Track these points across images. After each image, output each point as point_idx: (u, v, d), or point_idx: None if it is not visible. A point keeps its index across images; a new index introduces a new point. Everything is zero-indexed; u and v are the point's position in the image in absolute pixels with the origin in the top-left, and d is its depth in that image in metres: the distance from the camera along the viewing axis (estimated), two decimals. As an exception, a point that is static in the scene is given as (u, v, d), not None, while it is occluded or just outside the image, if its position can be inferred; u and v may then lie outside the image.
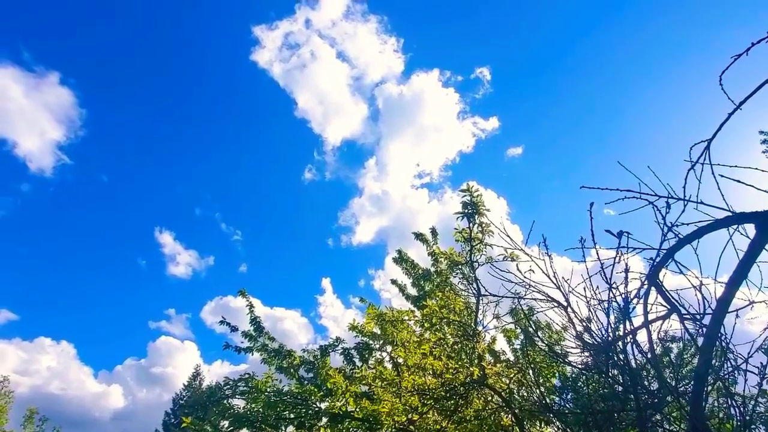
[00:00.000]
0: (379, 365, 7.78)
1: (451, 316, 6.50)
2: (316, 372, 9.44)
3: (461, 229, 5.18)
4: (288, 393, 7.73)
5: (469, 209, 5.03)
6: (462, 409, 6.86)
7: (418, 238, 14.84)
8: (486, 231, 5.13)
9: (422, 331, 7.55)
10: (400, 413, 6.82)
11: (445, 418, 6.87)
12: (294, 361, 10.30)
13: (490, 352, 8.43)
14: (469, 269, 5.57)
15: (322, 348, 12.64)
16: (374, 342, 11.26)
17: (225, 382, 8.21)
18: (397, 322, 6.97)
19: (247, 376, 8.17)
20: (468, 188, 5.04)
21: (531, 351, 8.74)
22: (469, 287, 5.80)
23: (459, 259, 5.71)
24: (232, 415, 8.33)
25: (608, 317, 3.86)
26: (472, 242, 5.17)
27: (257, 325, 11.25)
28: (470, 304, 6.69)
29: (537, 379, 7.10)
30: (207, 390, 10.20)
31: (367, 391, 8.46)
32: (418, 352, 7.12)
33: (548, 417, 7.18)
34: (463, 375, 6.58)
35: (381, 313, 7.23)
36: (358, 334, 11.30)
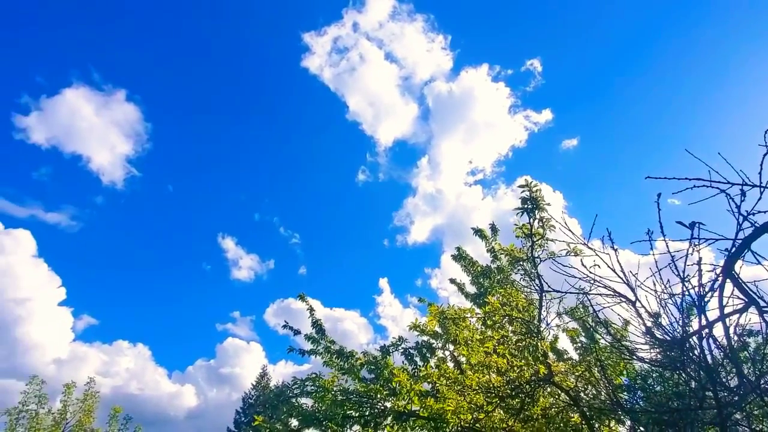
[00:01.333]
0: (443, 364, 7.80)
1: (514, 313, 6.42)
2: (378, 372, 9.56)
3: (521, 224, 5.12)
4: (353, 392, 7.88)
5: (529, 204, 4.96)
6: (528, 407, 6.76)
7: (477, 234, 14.67)
8: (547, 226, 5.04)
9: (484, 329, 7.50)
10: (465, 411, 6.81)
11: (511, 416, 6.79)
12: (356, 362, 10.48)
13: (553, 351, 8.26)
14: (530, 265, 5.49)
15: (383, 348, 12.78)
16: (436, 341, 11.27)
17: (293, 382, 8.47)
18: (458, 320, 6.96)
19: (314, 376, 8.39)
20: (527, 183, 4.97)
21: (596, 348, 8.48)
22: (532, 283, 5.72)
23: (520, 255, 5.64)
24: (301, 413, 8.59)
25: (681, 312, 3.72)
26: (533, 238, 5.10)
27: (319, 328, 11.53)
28: (533, 301, 6.58)
29: (605, 377, 6.89)
30: (275, 389, 10.57)
31: (431, 389, 8.49)
32: (480, 350, 7.07)
33: (619, 415, 6.96)
34: (529, 373, 6.49)
35: (442, 311, 7.24)
36: (420, 333, 11.35)
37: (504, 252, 6.04)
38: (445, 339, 10.54)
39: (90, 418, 14.83)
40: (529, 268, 5.65)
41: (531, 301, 6.74)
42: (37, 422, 14.59)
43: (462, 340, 7.44)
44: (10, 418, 14.44)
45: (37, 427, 14.50)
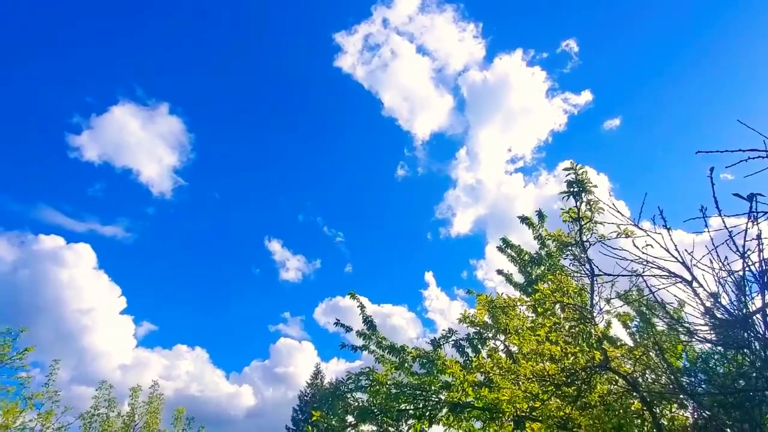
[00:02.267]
0: (495, 354, 7.76)
1: (565, 299, 6.32)
2: (430, 365, 9.60)
3: (568, 208, 5.04)
4: (407, 385, 7.95)
5: (575, 187, 4.87)
6: (585, 394, 6.66)
7: (524, 222, 14.45)
8: (595, 209, 4.93)
9: (535, 317, 7.42)
10: (520, 400, 6.76)
11: (568, 404, 6.70)
12: (408, 356, 10.55)
13: (606, 337, 8.08)
14: (579, 250, 5.39)
15: (433, 341, 12.80)
16: (486, 331, 11.20)
17: (347, 377, 8.61)
18: (508, 308, 6.92)
19: (368, 370, 8.51)
20: (572, 166, 4.89)
21: (653, 331, 8.25)
22: (582, 268, 5.61)
23: (568, 239, 5.54)
24: (357, 408, 8.73)
25: (742, 289, 3.61)
26: (581, 221, 5.01)
27: (370, 324, 11.68)
28: (584, 286, 6.46)
29: (665, 360, 6.70)
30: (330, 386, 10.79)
31: (484, 380, 8.46)
32: (532, 338, 7.00)
33: (681, 399, 6.75)
34: (584, 359, 6.38)
35: (491, 300, 7.20)
36: (470, 325, 11.31)
37: (551, 238, 5.96)
38: (495, 329, 10.48)
39: (156, 420, 15.53)
40: (578, 253, 5.55)
41: (582, 286, 6.61)
42: (108, 425, 15.41)
43: (512, 329, 7.38)
44: (84, 422, 15.31)
45: (109, 430, 15.30)
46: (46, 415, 14.10)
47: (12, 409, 13.52)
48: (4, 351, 13.48)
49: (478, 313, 7.36)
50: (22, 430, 13.98)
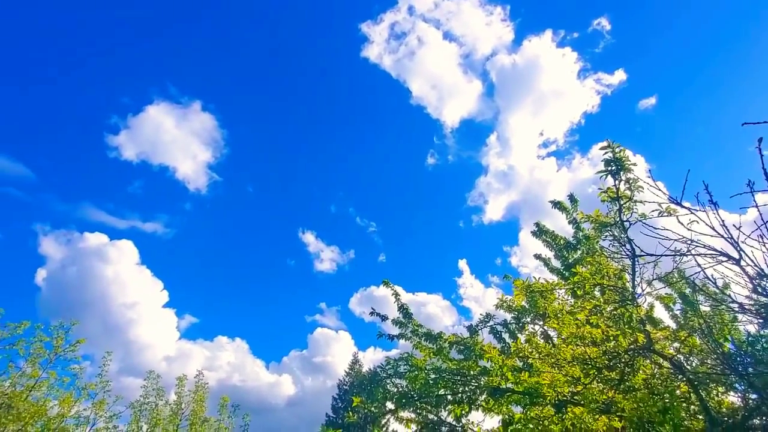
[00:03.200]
0: (533, 338, 7.69)
1: (605, 282, 6.20)
2: (468, 351, 9.58)
3: (606, 188, 4.92)
4: (446, 370, 7.96)
5: (613, 166, 4.74)
6: (629, 377, 6.53)
7: (556, 207, 14.22)
8: (635, 187, 4.80)
9: (574, 301, 7.31)
10: (561, 384, 6.69)
11: (610, 388, 6.60)
12: (445, 342, 10.55)
13: (648, 319, 7.90)
14: (619, 230, 5.26)
15: (470, 327, 12.77)
16: (524, 316, 11.11)
17: (386, 362, 8.69)
18: (546, 293, 6.83)
19: (406, 355, 8.57)
20: (608, 144, 4.75)
21: (698, 312, 8.00)
22: (622, 249, 5.48)
23: (607, 220, 5.42)
24: (396, 394, 8.80)
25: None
26: (620, 201, 4.88)
27: (405, 312, 11.72)
28: (625, 267, 6.32)
29: (712, 341, 6.50)
30: (369, 373, 10.95)
31: (523, 365, 8.40)
32: (572, 322, 6.90)
33: (730, 381, 6.55)
34: (626, 342, 6.26)
35: (528, 285, 7.12)
36: (507, 310, 11.22)
37: (589, 219, 5.82)
38: (533, 314, 10.37)
39: (202, 408, 16.07)
40: (617, 234, 5.42)
41: (623, 268, 6.46)
42: (157, 413, 16.04)
43: (551, 313, 7.29)
44: (134, 411, 15.98)
45: (158, 418, 15.93)
46: (99, 404, 14.78)
47: (68, 399, 14.22)
48: (58, 343, 14.17)
49: (515, 297, 7.30)
50: (77, 418, 14.69)
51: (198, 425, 15.70)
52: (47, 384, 14.11)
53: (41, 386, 14.01)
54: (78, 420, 14.65)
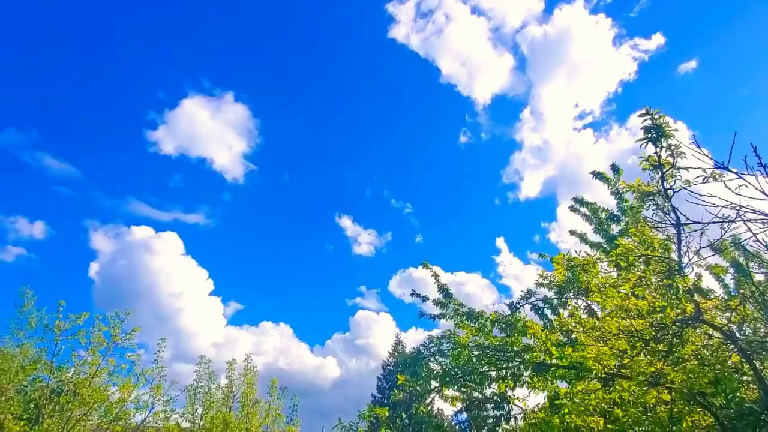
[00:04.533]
0: (577, 312, 7.61)
1: (650, 252, 6.05)
2: (510, 328, 9.55)
3: (647, 156, 4.78)
4: (489, 347, 7.99)
5: (653, 133, 4.59)
6: (677, 349, 6.40)
7: (597, 177, 13.86)
8: (677, 153, 4.65)
9: (619, 273, 7.18)
10: (607, 358, 6.62)
11: (659, 360, 6.48)
12: (486, 321, 10.55)
13: (696, 290, 7.68)
14: (663, 199, 5.12)
15: (511, 304, 12.70)
16: (565, 291, 10.96)
17: (429, 341, 8.78)
18: (588, 266, 6.73)
19: (449, 333, 8.63)
20: (647, 111, 4.60)
21: (750, 281, 7.72)
22: (666, 218, 5.34)
23: (650, 189, 5.27)
24: (440, 373, 8.89)
25: None
26: (662, 168, 4.74)
27: (446, 292, 11.75)
28: (670, 237, 6.15)
29: (766, 310, 6.28)
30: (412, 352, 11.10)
31: (567, 340, 8.32)
32: (616, 295, 6.79)
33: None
34: (674, 313, 6.12)
35: (570, 259, 7.03)
36: (548, 286, 11.10)
37: (631, 189, 5.68)
38: (575, 289, 10.23)
39: (253, 390, 16.67)
40: (661, 202, 5.27)
41: (668, 238, 6.30)
42: (210, 396, 16.74)
43: (594, 287, 7.19)
44: (189, 394, 16.73)
45: (211, 401, 16.62)
46: (156, 388, 15.51)
47: (127, 384, 15.00)
48: (115, 332, 14.92)
49: (556, 272, 7.22)
50: (137, 402, 15.49)
51: (249, 407, 16.30)
52: (107, 371, 14.92)
53: (102, 373, 14.82)
54: (137, 404, 15.46)
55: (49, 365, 14.68)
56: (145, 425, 15.82)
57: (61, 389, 14.62)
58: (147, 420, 15.70)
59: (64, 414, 14.19)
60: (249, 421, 15.94)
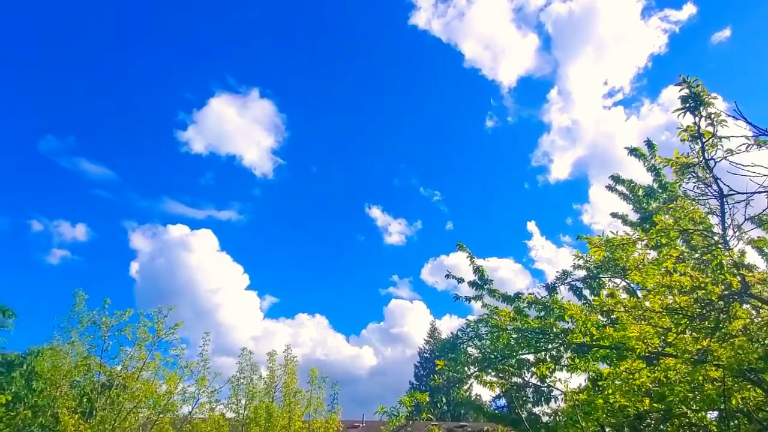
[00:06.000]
0: (616, 292, 7.46)
1: (691, 227, 5.87)
2: (547, 310, 9.45)
3: (685, 126, 4.62)
4: (527, 330, 7.92)
5: (691, 102, 4.43)
6: (724, 325, 6.21)
7: (633, 154, 13.52)
8: (717, 122, 4.47)
9: (659, 250, 7.00)
10: (651, 336, 6.47)
11: (705, 336, 6.31)
12: (523, 303, 10.47)
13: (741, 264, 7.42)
14: (704, 170, 4.96)
15: (548, 286, 12.55)
16: (603, 272, 10.76)
17: (467, 325, 8.77)
18: (627, 245, 6.58)
19: (486, 316, 8.60)
20: (683, 80, 4.43)
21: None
22: (708, 190, 5.17)
23: (689, 161, 5.09)
24: (478, 357, 8.89)
25: None
26: (702, 138, 4.58)
27: (481, 274, 11.70)
28: (713, 210, 5.95)
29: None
30: (449, 337, 11.11)
31: (607, 320, 8.18)
32: (656, 272, 6.62)
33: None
34: (719, 288, 5.93)
35: (608, 239, 6.89)
36: (584, 267, 10.91)
37: (669, 163, 5.49)
38: (613, 269, 10.02)
39: (294, 380, 17.01)
40: (702, 174, 5.10)
41: (710, 210, 6.09)
42: (252, 387, 17.19)
43: (632, 265, 7.03)
44: (232, 386, 17.23)
45: (254, 392, 17.06)
46: (200, 381, 16.02)
47: (173, 378, 15.52)
48: (159, 327, 15.44)
49: (593, 252, 7.08)
50: (183, 395, 16.04)
51: (291, 396, 16.64)
52: (154, 365, 15.47)
53: (148, 367, 15.37)
54: (184, 396, 16.00)
55: (98, 361, 15.33)
56: (192, 416, 16.35)
57: (112, 383, 15.23)
58: (193, 411, 16.24)
59: (115, 407, 14.78)
60: (291, 410, 16.27)
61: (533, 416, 12.14)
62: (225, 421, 16.40)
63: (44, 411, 15.09)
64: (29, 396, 15.75)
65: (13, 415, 14.77)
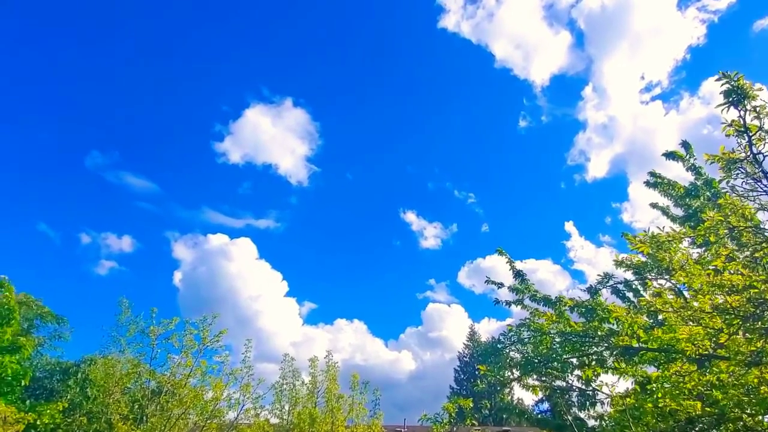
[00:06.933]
0: (663, 292, 7.26)
1: (741, 224, 5.67)
2: (590, 313, 9.26)
3: (730, 121, 4.49)
4: (571, 333, 7.80)
5: (734, 96, 4.31)
6: (780, 325, 5.97)
7: (670, 158, 13.24)
8: (764, 115, 4.33)
9: (705, 249, 6.79)
10: (701, 338, 6.28)
11: (759, 337, 6.08)
12: (564, 306, 10.28)
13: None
14: (752, 165, 4.80)
15: (590, 288, 12.29)
16: (648, 272, 10.47)
17: (508, 330, 8.69)
18: (673, 242, 6.41)
19: (528, 320, 8.50)
20: (723, 75, 4.31)
21: None
22: (757, 185, 5.00)
23: (737, 156, 4.94)
24: (521, 361, 8.79)
25: None
26: (749, 133, 4.45)
27: (521, 278, 11.56)
28: (764, 206, 5.74)
29: None
30: (489, 341, 11.02)
31: (653, 322, 7.96)
32: (702, 272, 6.43)
33: None
34: (773, 286, 5.70)
35: (653, 236, 6.72)
36: (627, 268, 10.65)
37: (715, 159, 5.33)
38: (657, 269, 9.74)
39: (336, 385, 17.15)
40: (750, 169, 4.94)
41: (761, 206, 5.87)
42: (295, 392, 17.43)
43: (676, 265, 6.84)
44: (276, 392, 17.51)
45: (297, 397, 17.30)
46: (245, 387, 16.38)
47: (219, 384, 15.92)
48: (205, 335, 15.89)
49: (640, 248, 6.91)
50: (229, 401, 16.42)
51: (333, 401, 16.78)
52: (201, 371, 15.91)
53: (195, 374, 15.82)
54: (229, 402, 16.38)
55: (148, 368, 15.88)
56: (238, 422, 16.69)
57: (161, 390, 15.73)
58: (239, 417, 16.58)
59: (165, 413, 15.25)
60: (334, 415, 16.41)
61: (579, 420, 11.90)
62: (270, 426, 16.67)
63: (98, 417, 15.70)
64: (84, 403, 16.41)
65: (70, 422, 15.42)
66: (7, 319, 14.98)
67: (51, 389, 18.33)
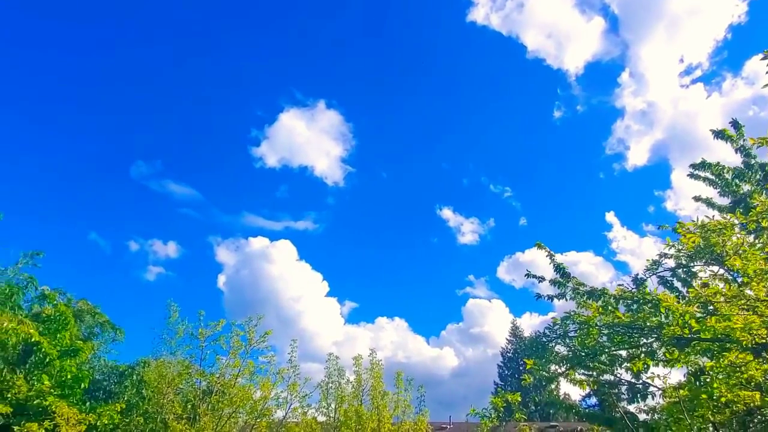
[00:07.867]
0: (715, 280, 7.06)
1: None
2: (637, 304, 9.07)
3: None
4: (619, 325, 7.67)
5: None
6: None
7: (719, 137, 12.73)
8: (820, 96, 4.18)
9: (757, 235, 6.58)
10: (758, 327, 6.09)
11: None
12: (610, 298, 10.10)
13: None
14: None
15: (636, 278, 12.02)
16: (697, 260, 10.18)
17: (553, 323, 8.62)
18: (724, 229, 6.24)
19: (573, 314, 8.42)
20: (767, 55, 4.17)
21: None
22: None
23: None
24: (567, 355, 8.71)
25: None
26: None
27: (563, 272, 11.40)
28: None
29: None
30: (533, 336, 10.89)
31: (704, 312, 7.75)
32: (758, 257, 6.23)
33: None
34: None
35: (703, 224, 6.56)
36: (675, 256, 10.38)
37: (762, 143, 5.16)
38: (707, 256, 9.46)
39: (380, 383, 17.31)
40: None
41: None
42: (341, 391, 17.68)
43: (730, 249, 6.65)
44: (322, 391, 17.82)
45: (342, 395, 17.54)
46: (292, 386, 16.81)
47: (267, 383, 16.36)
48: (251, 336, 16.36)
49: (688, 238, 6.76)
50: (277, 400, 16.85)
51: (379, 399, 16.95)
52: (249, 372, 16.38)
53: (243, 374, 16.30)
54: (277, 401, 16.81)
55: (198, 369, 16.45)
56: (286, 420, 17.09)
57: (211, 390, 16.26)
58: (287, 415, 16.97)
59: (216, 412, 15.76)
60: (380, 412, 16.57)
61: (629, 414, 11.66)
62: (317, 424, 16.98)
63: (154, 417, 16.33)
64: (140, 404, 17.08)
65: (128, 422, 16.11)
66: (64, 324, 15.82)
67: (109, 391, 19.14)
